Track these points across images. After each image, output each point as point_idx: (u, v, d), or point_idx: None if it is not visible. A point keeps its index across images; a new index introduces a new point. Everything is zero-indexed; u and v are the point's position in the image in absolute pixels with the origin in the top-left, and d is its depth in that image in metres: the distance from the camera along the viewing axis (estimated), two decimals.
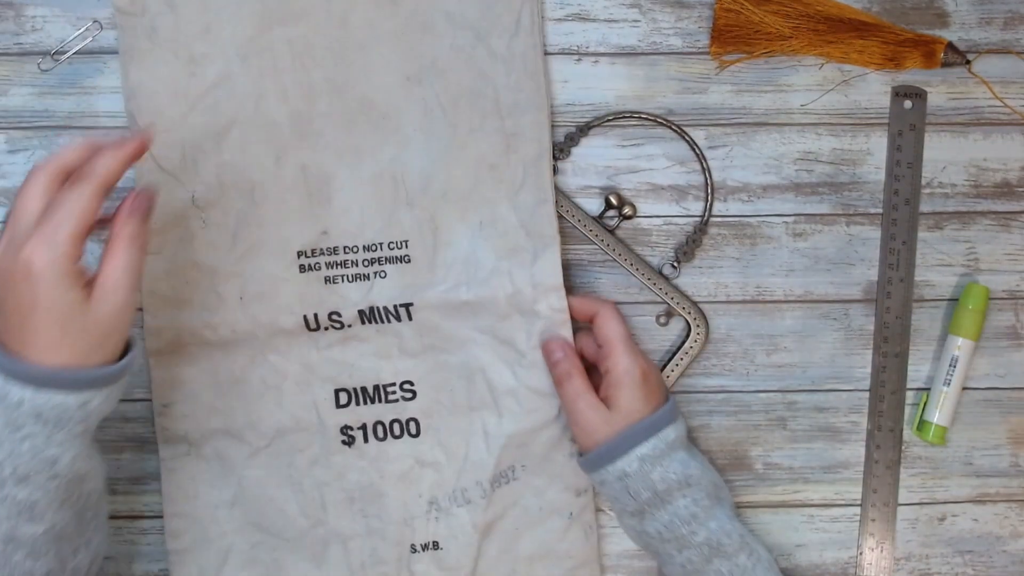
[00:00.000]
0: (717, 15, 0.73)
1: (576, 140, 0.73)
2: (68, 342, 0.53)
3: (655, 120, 0.73)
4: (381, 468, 0.72)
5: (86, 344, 0.54)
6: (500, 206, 0.72)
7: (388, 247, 0.72)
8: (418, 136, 0.71)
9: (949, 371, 0.74)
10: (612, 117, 0.73)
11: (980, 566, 0.76)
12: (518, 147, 0.72)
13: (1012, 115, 0.75)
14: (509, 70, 0.71)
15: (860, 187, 0.75)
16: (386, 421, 0.72)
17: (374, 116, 0.71)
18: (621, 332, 0.68)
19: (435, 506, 0.72)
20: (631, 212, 0.73)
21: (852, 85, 0.74)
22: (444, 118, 0.71)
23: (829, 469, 0.75)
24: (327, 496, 0.71)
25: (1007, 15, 0.74)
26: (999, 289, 0.75)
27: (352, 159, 0.71)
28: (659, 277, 0.74)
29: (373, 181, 0.71)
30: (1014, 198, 0.75)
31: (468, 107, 0.71)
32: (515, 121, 0.72)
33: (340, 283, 0.71)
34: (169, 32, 0.70)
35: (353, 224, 0.71)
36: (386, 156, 0.71)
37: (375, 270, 0.72)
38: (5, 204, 0.72)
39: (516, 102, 0.72)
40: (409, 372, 0.72)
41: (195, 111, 0.70)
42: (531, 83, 0.72)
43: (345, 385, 0.72)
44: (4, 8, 0.72)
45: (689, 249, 0.74)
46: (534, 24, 0.72)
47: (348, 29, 0.71)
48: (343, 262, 0.71)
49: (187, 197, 0.71)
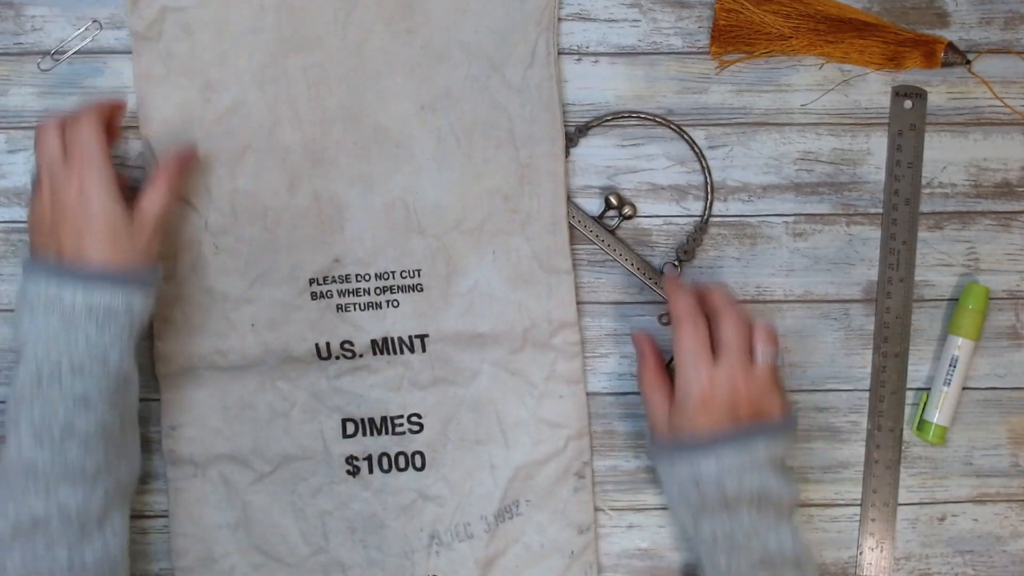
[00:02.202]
0: (717, 15, 0.73)
1: (576, 140, 0.73)
2: (117, 246, 0.62)
3: (655, 120, 0.73)
4: (384, 500, 0.72)
5: (130, 248, 0.63)
6: (514, 237, 0.72)
7: (400, 275, 0.72)
8: (431, 165, 0.71)
9: (949, 371, 0.74)
10: (611, 117, 0.73)
11: (980, 566, 0.76)
12: (532, 178, 0.72)
13: (1012, 115, 0.75)
14: (524, 101, 0.72)
15: (860, 187, 0.75)
16: (391, 453, 0.72)
17: (388, 144, 0.71)
18: (690, 348, 0.66)
19: (436, 540, 0.72)
20: (631, 212, 0.73)
21: (852, 85, 0.74)
22: (458, 148, 0.71)
23: (829, 469, 0.75)
24: (329, 525, 0.72)
25: (1007, 15, 0.74)
26: (999, 289, 0.75)
27: (365, 187, 0.71)
28: (660, 277, 0.74)
29: (385, 209, 0.71)
30: (1014, 198, 0.75)
31: (482, 137, 0.71)
32: (529, 152, 0.72)
33: (352, 311, 0.72)
34: (185, 58, 0.70)
35: (365, 252, 0.72)
36: (399, 184, 0.71)
37: (388, 299, 0.72)
38: (5, 204, 0.72)
39: (531, 133, 0.72)
40: (417, 404, 0.72)
41: (209, 137, 0.71)
42: (546, 114, 0.72)
43: (353, 415, 0.72)
44: (4, 8, 0.72)
45: (690, 249, 0.74)
46: (550, 55, 0.72)
47: (363, 57, 0.71)
48: (355, 290, 0.72)
49: (200, 223, 0.71)
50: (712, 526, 0.64)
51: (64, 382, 0.61)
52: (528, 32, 0.71)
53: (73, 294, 0.61)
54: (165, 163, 0.67)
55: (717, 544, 0.64)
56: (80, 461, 0.61)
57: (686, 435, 0.65)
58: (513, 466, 0.72)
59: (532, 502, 0.72)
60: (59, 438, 0.60)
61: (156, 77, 0.71)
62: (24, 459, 0.60)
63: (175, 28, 0.70)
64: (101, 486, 0.62)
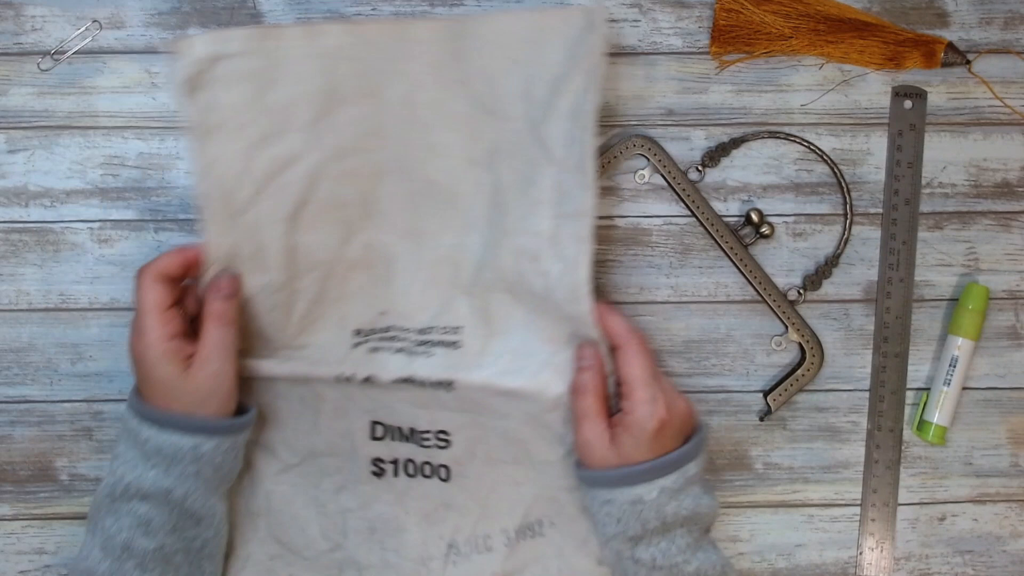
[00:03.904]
0: (717, 15, 0.73)
1: (718, 160, 0.74)
2: (175, 401, 0.65)
3: (793, 139, 0.73)
4: (406, 504, 0.71)
5: (190, 402, 0.65)
6: (545, 300, 0.68)
7: (441, 331, 0.70)
8: (480, 223, 0.69)
9: (949, 371, 0.74)
10: (752, 136, 0.73)
11: (980, 566, 0.76)
12: (560, 239, 0.67)
13: (1012, 115, 0.75)
14: (566, 155, 0.66)
15: (860, 187, 0.75)
16: (418, 461, 0.71)
17: (439, 199, 0.69)
18: (642, 376, 0.65)
19: (454, 549, 0.71)
20: (769, 232, 0.73)
21: (852, 85, 0.74)
22: (501, 204, 0.69)
23: (829, 469, 0.75)
24: (349, 523, 0.71)
25: (1007, 15, 0.74)
26: (999, 289, 0.75)
27: (415, 241, 0.70)
28: (783, 300, 0.74)
29: (434, 265, 0.70)
30: (1014, 198, 0.75)
31: (521, 194, 0.68)
32: (560, 210, 0.67)
33: (383, 352, 0.70)
34: (236, 110, 0.65)
35: (411, 306, 0.70)
36: (448, 240, 0.70)
37: (423, 351, 0.70)
38: (5, 204, 0.72)
39: (568, 190, 0.66)
40: (446, 423, 0.70)
41: (263, 193, 0.67)
42: (579, 174, 0.65)
43: (382, 420, 0.71)
44: (4, 8, 0.72)
45: (817, 279, 0.74)
46: (589, 113, 0.65)
47: (414, 109, 0.68)
48: (393, 337, 0.70)
49: (262, 281, 0.68)
50: (652, 552, 0.64)
51: (132, 503, 0.64)
52: (575, 82, 0.65)
53: (148, 432, 0.64)
54: (208, 304, 0.66)
55: (656, 568, 0.65)
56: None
57: (634, 463, 0.64)
58: (540, 485, 0.70)
59: (556, 525, 0.71)
60: (119, 554, 0.63)
61: (208, 129, 0.65)
62: (88, 564, 0.64)
63: (225, 76, 0.65)
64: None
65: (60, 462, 0.73)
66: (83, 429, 0.73)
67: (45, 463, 0.73)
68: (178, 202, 0.73)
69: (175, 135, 0.73)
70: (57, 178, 0.72)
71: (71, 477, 0.74)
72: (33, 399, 0.73)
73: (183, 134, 0.72)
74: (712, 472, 0.75)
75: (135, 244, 0.73)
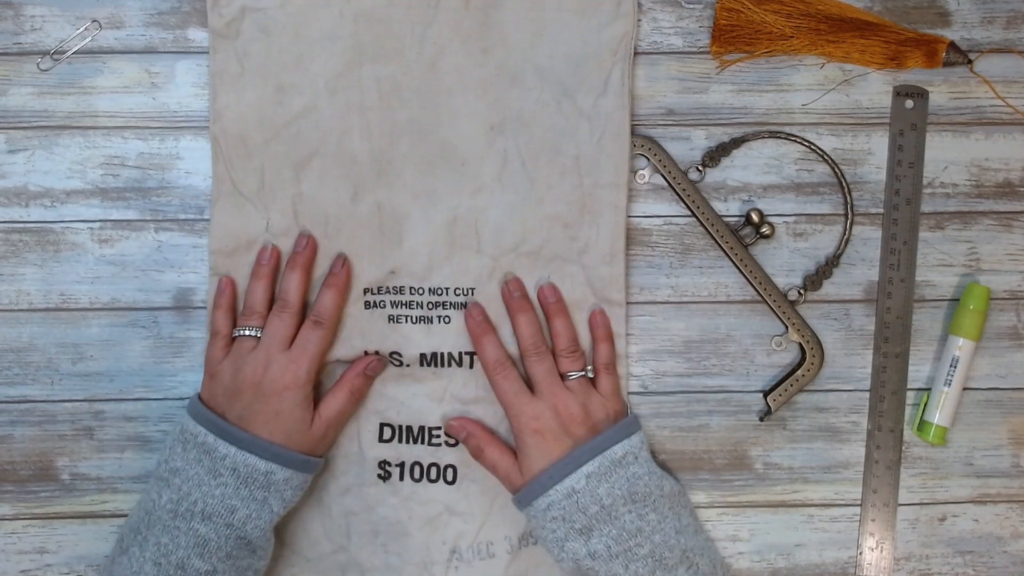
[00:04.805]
0: (718, 15, 0.73)
1: (718, 160, 0.74)
2: (289, 440, 0.67)
3: (792, 138, 0.73)
4: (411, 509, 0.72)
5: (299, 444, 0.67)
6: (570, 264, 0.72)
7: (454, 292, 0.72)
8: (495, 186, 0.71)
9: (950, 371, 0.74)
10: (752, 136, 0.73)
11: (980, 566, 0.76)
12: (593, 208, 0.72)
13: (1014, 115, 0.74)
14: (593, 129, 0.71)
15: (861, 187, 0.74)
16: (424, 463, 0.72)
17: (454, 162, 0.71)
18: (505, 396, 0.69)
19: (457, 555, 0.72)
20: (769, 232, 0.73)
21: (853, 85, 0.74)
22: (523, 171, 0.71)
23: (829, 469, 0.75)
24: (353, 525, 0.72)
25: (1009, 14, 0.74)
26: (1000, 289, 0.75)
27: (427, 202, 0.71)
28: (783, 300, 0.74)
29: (446, 226, 0.71)
30: (1016, 198, 0.75)
31: (548, 163, 0.71)
32: (594, 180, 0.71)
33: (404, 323, 0.72)
34: (260, 59, 0.70)
35: (421, 266, 0.72)
36: (462, 203, 0.71)
37: (440, 314, 0.72)
38: (5, 204, 0.72)
39: (597, 162, 0.71)
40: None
41: (278, 139, 0.71)
42: (614, 144, 0.71)
43: (391, 421, 0.72)
44: (4, 8, 0.72)
45: (817, 279, 0.74)
46: (623, 85, 0.71)
47: (437, 73, 0.71)
48: (408, 302, 0.72)
49: (261, 224, 0.71)
50: (603, 540, 0.66)
51: (194, 522, 0.65)
52: (603, 60, 0.71)
53: (227, 449, 0.66)
54: (351, 376, 0.70)
55: (613, 557, 0.66)
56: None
57: (542, 471, 0.67)
58: None
59: None
60: (173, 572, 0.64)
61: (230, 75, 0.71)
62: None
63: (253, 28, 0.70)
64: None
65: (61, 462, 0.74)
66: (84, 429, 0.73)
67: (46, 463, 0.74)
68: (178, 202, 0.73)
69: (175, 135, 0.73)
70: (57, 178, 0.72)
71: (72, 477, 0.74)
72: (34, 399, 0.73)
73: (204, 84, 0.72)
74: (712, 472, 0.75)
75: (135, 244, 0.73)
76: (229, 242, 0.71)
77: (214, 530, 0.65)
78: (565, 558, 0.67)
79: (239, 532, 0.65)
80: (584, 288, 0.72)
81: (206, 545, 0.64)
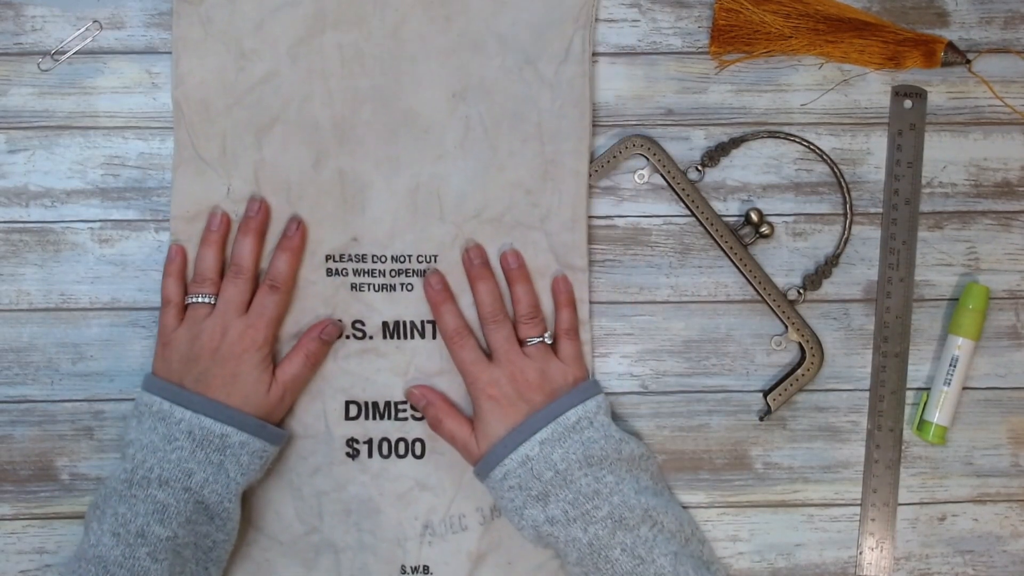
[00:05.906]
0: (717, 15, 0.73)
1: (717, 159, 0.74)
2: (246, 403, 0.68)
3: (789, 138, 0.73)
4: (381, 485, 0.72)
5: (255, 407, 0.68)
6: (532, 231, 0.72)
7: (416, 260, 0.72)
8: (457, 153, 0.72)
9: (949, 371, 0.74)
10: (751, 136, 0.73)
11: (980, 566, 0.76)
12: (555, 174, 0.72)
13: (1012, 114, 0.75)
14: (555, 96, 0.72)
15: (860, 187, 0.75)
16: (392, 439, 0.72)
17: (416, 129, 0.72)
18: (463, 364, 0.70)
19: (429, 530, 0.72)
20: (769, 232, 0.73)
21: (852, 85, 0.74)
22: (485, 138, 0.72)
23: (829, 469, 0.75)
24: (325, 505, 0.72)
25: (1007, 14, 0.74)
26: (999, 289, 0.75)
27: (389, 169, 0.72)
28: (783, 300, 0.74)
29: (408, 193, 0.72)
30: (1014, 197, 0.75)
31: (510, 129, 0.72)
32: (555, 147, 0.72)
33: (366, 291, 0.72)
34: (223, 24, 0.71)
35: (383, 234, 0.72)
36: (424, 170, 0.72)
37: (402, 282, 0.72)
38: (5, 204, 0.72)
39: (558, 129, 0.72)
40: None
41: (240, 105, 0.71)
42: (575, 111, 0.72)
43: (357, 398, 0.72)
44: (4, 8, 0.72)
45: (817, 279, 0.74)
46: (584, 53, 0.72)
47: (399, 41, 0.71)
48: (370, 271, 0.72)
49: (223, 190, 0.71)
50: (560, 505, 0.66)
51: (151, 488, 0.64)
52: (565, 28, 0.71)
53: (183, 413, 0.66)
54: (306, 340, 0.71)
55: (571, 521, 0.66)
56: (146, 568, 0.63)
57: (498, 440, 0.68)
58: None
59: None
60: (133, 541, 0.63)
61: (193, 41, 0.71)
62: (98, 551, 0.63)
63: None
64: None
65: (61, 462, 0.74)
66: (84, 429, 0.73)
67: (46, 463, 0.74)
68: None
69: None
70: (57, 178, 0.73)
71: (72, 477, 0.74)
72: (34, 399, 0.73)
73: None
74: (712, 472, 0.75)
75: (136, 244, 0.73)
76: (190, 208, 0.71)
77: (172, 495, 0.64)
78: (525, 526, 0.67)
79: (197, 496, 0.65)
80: (547, 254, 0.72)
81: (165, 511, 0.64)
